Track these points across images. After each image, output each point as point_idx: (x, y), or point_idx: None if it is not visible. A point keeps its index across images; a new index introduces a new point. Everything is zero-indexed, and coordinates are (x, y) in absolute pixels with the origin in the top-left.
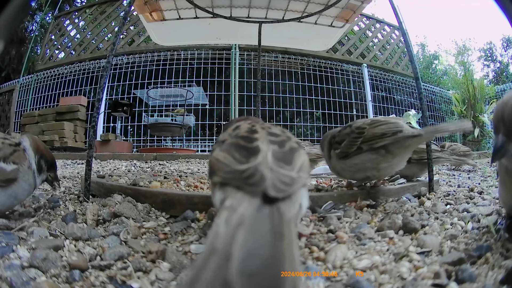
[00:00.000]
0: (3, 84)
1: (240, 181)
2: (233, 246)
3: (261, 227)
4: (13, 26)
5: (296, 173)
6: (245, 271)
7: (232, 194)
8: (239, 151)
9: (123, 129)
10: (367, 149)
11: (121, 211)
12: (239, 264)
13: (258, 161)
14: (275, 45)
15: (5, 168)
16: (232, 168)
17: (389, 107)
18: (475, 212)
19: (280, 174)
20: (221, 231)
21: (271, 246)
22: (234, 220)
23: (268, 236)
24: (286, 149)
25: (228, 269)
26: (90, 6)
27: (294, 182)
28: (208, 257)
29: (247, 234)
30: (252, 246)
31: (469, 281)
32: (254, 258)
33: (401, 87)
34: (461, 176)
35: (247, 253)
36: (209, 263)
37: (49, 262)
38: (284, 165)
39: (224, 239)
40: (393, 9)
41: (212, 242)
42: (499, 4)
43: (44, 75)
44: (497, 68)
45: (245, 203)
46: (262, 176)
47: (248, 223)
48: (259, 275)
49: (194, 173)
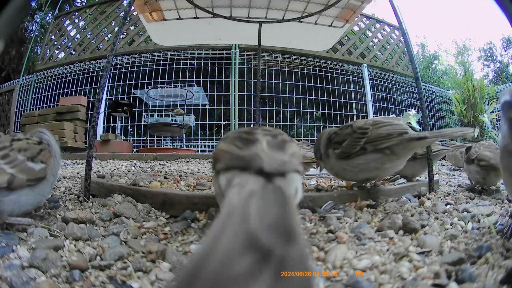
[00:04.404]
0: (3, 84)
1: (242, 162)
2: (249, 208)
3: (269, 197)
4: (13, 26)
5: (288, 158)
6: (263, 223)
7: (238, 174)
8: (241, 141)
9: (123, 129)
10: (371, 149)
11: (121, 211)
12: (257, 219)
13: (258, 148)
14: (275, 45)
15: (34, 167)
16: (235, 154)
17: (389, 107)
18: (475, 212)
19: (274, 157)
20: (234, 200)
21: (279, 208)
22: (245, 192)
23: (275, 203)
24: (279, 140)
25: (249, 223)
26: (90, 6)
27: (286, 163)
28: (228, 216)
29: (258, 200)
30: (264, 209)
31: (469, 281)
32: (268, 216)
33: (401, 87)
34: (461, 176)
35: (261, 213)
36: (230, 220)
37: (49, 262)
38: (277, 150)
39: (239, 204)
40: (393, 9)
41: (228, 206)
42: (499, 4)
43: (44, 75)
44: (497, 68)
45: (251, 181)
46: (260, 157)
47: (257, 194)
48: (274, 226)
49: (194, 173)
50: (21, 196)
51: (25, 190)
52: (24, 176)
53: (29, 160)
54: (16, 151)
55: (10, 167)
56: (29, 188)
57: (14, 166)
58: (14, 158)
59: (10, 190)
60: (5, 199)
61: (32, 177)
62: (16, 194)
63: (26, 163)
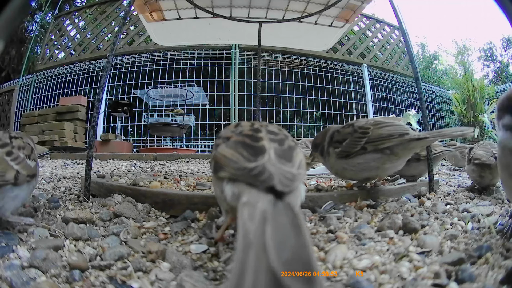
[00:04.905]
0: (3, 84)
1: (251, 178)
2: (265, 239)
3: (282, 221)
4: (13, 26)
5: (296, 170)
6: (282, 257)
7: (246, 190)
8: (246, 149)
9: (123, 129)
10: (372, 149)
11: (121, 211)
12: (276, 253)
13: (265, 159)
14: (275, 45)
15: (30, 164)
16: (242, 165)
17: (389, 107)
18: (475, 212)
19: (283, 171)
20: (250, 227)
21: (294, 236)
22: (258, 216)
23: (289, 228)
24: (285, 147)
25: (268, 258)
26: (90, 6)
27: (295, 178)
28: (247, 250)
29: (273, 228)
30: (281, 238)
31: (469, 281)
32: (286, 247)
33: (401, 87)
34: (461, 176)
35: (279, 244)
36: (249, 254)
37: (49, 262)
38: (285, 162)
39: (255, 233)
40: (393, 9)
41: (244, 236)
42: (499, 4)
43: (44, 75)
44: (497, 68)
45: (261, 200)
46: (270, 174)
47: (271, 218)
48: (293, 261)
49: (194, 173)
50: (21, 191)
51: (24, 186)
52: (25, 173)
53: (27, 157)
54: (17, 149)
55: (16, 163)
56: (26, 184)
57: (18, 163)
58: (17, 155)
59: (15, 185)
60: (11, 195)
61: (30, 173)
62: (18, 189)
63: (26, 161)
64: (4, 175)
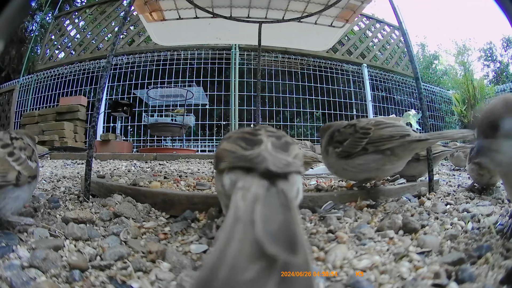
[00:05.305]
0: (3, 84)
1: (247, 162)
2: (254, 215)
3: (273, 202)
4: (13, 26)
5: (291, 159)
6: (268, 231)
7: (242, 176)
8: (245, 141)
9: (123, 129)
10: (372, 150)
11: (121, 211)
12: (262, 227)
13: (262, 148)
14: (275, 45)
15: (31, 165)
16: (239, 154)
17: (389, 107)
18: (475, 212)
19: (279, 157)
20: (240, 205)
21: (283, 214)
22: (250, 197)
23: (279, 208)
24: (282, 141)
25: (254, 231)
26: (90, 6)
27: (290, 164)
28: (235, 224)
29: (262, 206)
30: (269, 215)
31: (469, 281)
32: (273, 223)
33: (401, 87)
34: (461, 176)
35: (266, 220)
36: (237, 228)
37: (49, 262)
38: (281, 151)
39: (245, 210)
40: (393, 9)
41: (234, 212)
42: (499, 4)
43: (44, 75)
44: (497, 68)
45: (255, 184)
46: (264, 157)
47: (262, 199)
48: (279, 233)
49: (194, 173)
50: (22, 192)
51: (25, 187)
52: (27, 174)
53: (28, 159)
54: (18, 150)
55: (17, 164)
56: (27, 185)
57: (20, 164)
58: (19, 156)
59: (17, 186)
60: (12, 196)
61: (31, 174)
62: (20, 190)
63: (28, 162)
64: (6, 176)
